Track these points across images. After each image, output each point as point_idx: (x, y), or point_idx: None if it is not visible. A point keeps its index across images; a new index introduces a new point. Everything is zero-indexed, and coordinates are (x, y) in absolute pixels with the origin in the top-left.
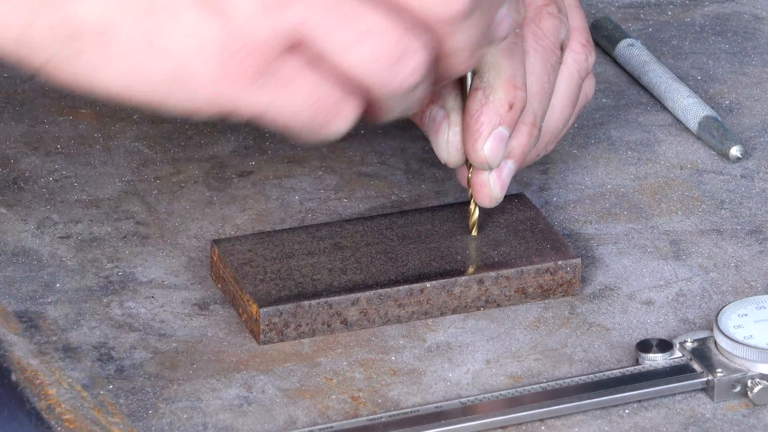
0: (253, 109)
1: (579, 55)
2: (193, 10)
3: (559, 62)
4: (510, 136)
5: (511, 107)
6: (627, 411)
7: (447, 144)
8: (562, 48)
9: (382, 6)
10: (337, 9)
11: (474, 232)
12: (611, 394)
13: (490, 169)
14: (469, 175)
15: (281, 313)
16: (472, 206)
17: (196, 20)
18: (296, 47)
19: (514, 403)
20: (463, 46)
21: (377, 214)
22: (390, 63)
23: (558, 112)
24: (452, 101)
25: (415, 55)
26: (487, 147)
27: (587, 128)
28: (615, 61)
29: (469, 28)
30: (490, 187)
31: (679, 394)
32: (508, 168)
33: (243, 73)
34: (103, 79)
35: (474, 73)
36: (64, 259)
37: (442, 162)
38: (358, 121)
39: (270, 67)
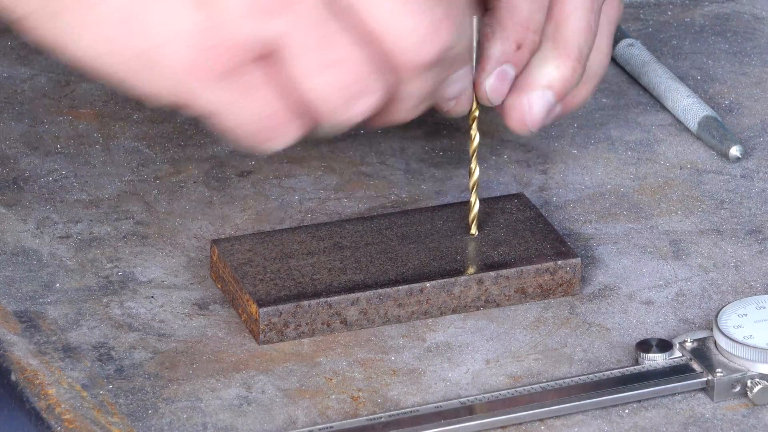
0: (207, 107)
1: (615, 1)
2: None
3: (601, 5)
4: (515, 77)
5: (519, 47)
6: (627, 411)
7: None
8: None
9: (359, 38)
10: (319, 30)
11: (473, 229)
12: (611, 394)
13: (492, 105)
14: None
15: (281, 313)
16: (472, 199)
17: (183, 6)
18: (266, 58)
19: (514, 403)
20: (414, 95)
21: (377, 214)
22: (348, 97)
23: (602, 56)
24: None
25: (373, 96)
26: (488, 83)
27: (587, 128)
28: (615, 61)
29: (426, 79)
30: (524, 112)
31: (678, 394)
32: (546, 99)
33: (211, 69)
34: (76, 44)
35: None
36: (63, 259)
37: (445, 111)
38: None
39: (237, 70)
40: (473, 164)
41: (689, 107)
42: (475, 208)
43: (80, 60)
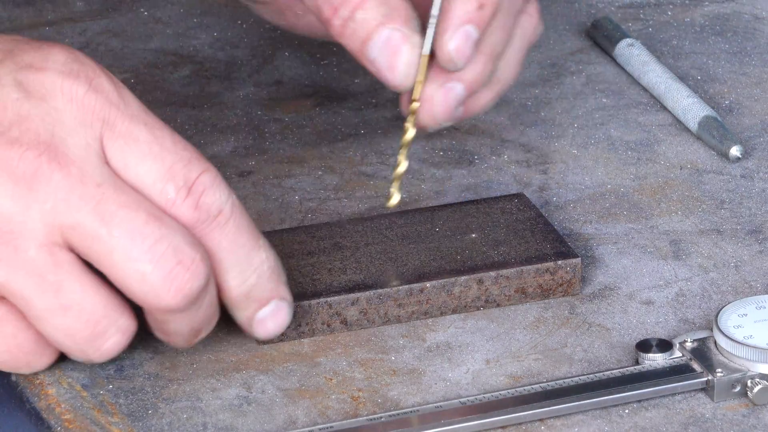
0: None
1: (534, 19)
2: None
3: (519, 13)
4: (478, 39)
5: (481, 6)
6: (627, 411)
7: (407, 66)
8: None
9: (91, 282)
10: (45, 278)
11: (393, 197)
12: (611, 394)
13: (456, 69)
14: (415, 99)
15: None
16: (399, 159)
17: None
18: (4, 298)
19: (514, 403)
20: (181, 330)
21: (377, 214)
22: (91, 337)
23: (511, 66)
24: (413, 23)
25: (114, 336)
26: (452, 43)
27: (587, 128)
28: (615, 61)
29: (185, 318)
30: (434, 104)
31: (679, 394)
32: (456, 92)
33: None
34: None
35: None
36: None
37: (392, 85)
38: None
39: None
40: (408, 123)
41: (689, 107)
42: (401, 168)
43: None
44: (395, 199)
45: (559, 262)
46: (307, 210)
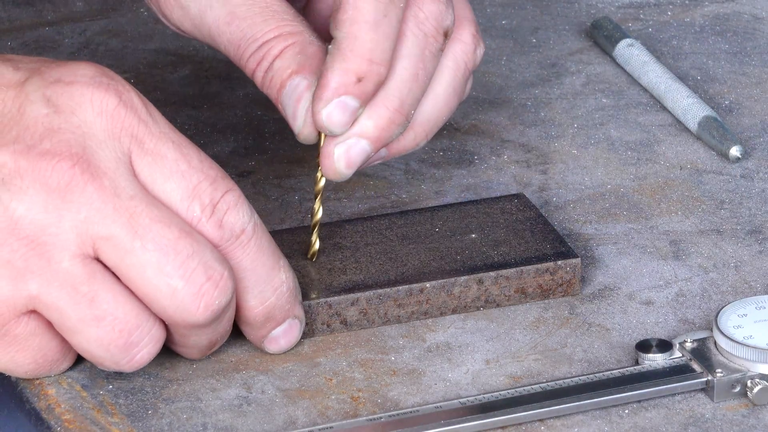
0: None
1: (468, 45)
2: None
3: (441, 50)
4: (359, 108)
5: (360, 80)
6: (627, 411)
7: (306, 113)
8: (446, 35)
9: (123, 292)
10: (77, 290)
11: (314, 247)
12: (611, 394)
13: (332, 135)
14: (321, 145)
15: None
16: (316, 206)
17: None
18: (34, 311)
19: (514, 403)
20: (199, 343)
21: (377, 214)
22: (119, 350)
23: (441, 103)
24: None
25: (147, 346)
26: (325, 112)
27: (587, 128)
28: (615, 61)
29: (206, 332)
30: (334, 160)
31: (678, 394)
32: (360, 147)
33: None
34: None
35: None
36: None
37: (295, 133)
38: None
39: (5, 326)
40: (319, 173)
41: (689, 107)
42: (317, 216)
43: None
44: (315, 246)
45: (559, 262)
46: (307, 210)
